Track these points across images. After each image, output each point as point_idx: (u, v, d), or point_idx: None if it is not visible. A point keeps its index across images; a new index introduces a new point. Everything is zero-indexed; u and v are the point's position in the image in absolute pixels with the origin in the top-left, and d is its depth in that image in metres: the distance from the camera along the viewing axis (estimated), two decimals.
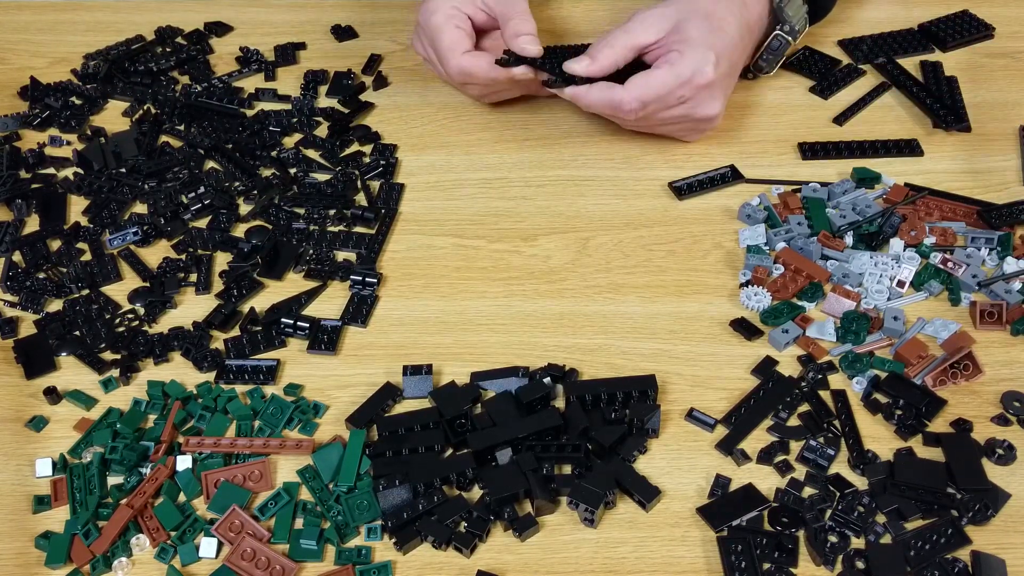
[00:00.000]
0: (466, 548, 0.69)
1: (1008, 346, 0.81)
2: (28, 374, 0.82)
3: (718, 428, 0.76)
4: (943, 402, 0.76)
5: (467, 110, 1.05)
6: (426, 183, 0.98)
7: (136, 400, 0.79)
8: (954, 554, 0.68)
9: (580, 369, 0.81)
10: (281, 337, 0.84)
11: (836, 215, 0.90)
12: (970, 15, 1.12)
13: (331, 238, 0.91)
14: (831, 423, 0.76)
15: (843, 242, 0.88)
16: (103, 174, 0.98)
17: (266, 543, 0.70)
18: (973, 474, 0.71)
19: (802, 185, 0.94)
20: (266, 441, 0.76)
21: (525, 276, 0.89)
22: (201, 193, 0.95)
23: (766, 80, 1.06)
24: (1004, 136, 1.00)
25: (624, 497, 0.72)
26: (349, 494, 0.72)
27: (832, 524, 0.70)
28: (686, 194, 0.94)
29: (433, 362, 0.81)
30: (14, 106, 1.08)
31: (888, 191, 0.92)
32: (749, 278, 0.86)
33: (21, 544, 0.71)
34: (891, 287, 0.84)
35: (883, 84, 1.05)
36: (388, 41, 1.14)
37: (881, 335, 0.81)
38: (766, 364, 0.80)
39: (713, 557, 0.69)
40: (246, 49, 1.13)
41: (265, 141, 1.01)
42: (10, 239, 0.92)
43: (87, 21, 1.19)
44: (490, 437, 0.74)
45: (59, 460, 0.75)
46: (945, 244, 0.87)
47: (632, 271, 0.89)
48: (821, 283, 0.85)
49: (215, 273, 0.90)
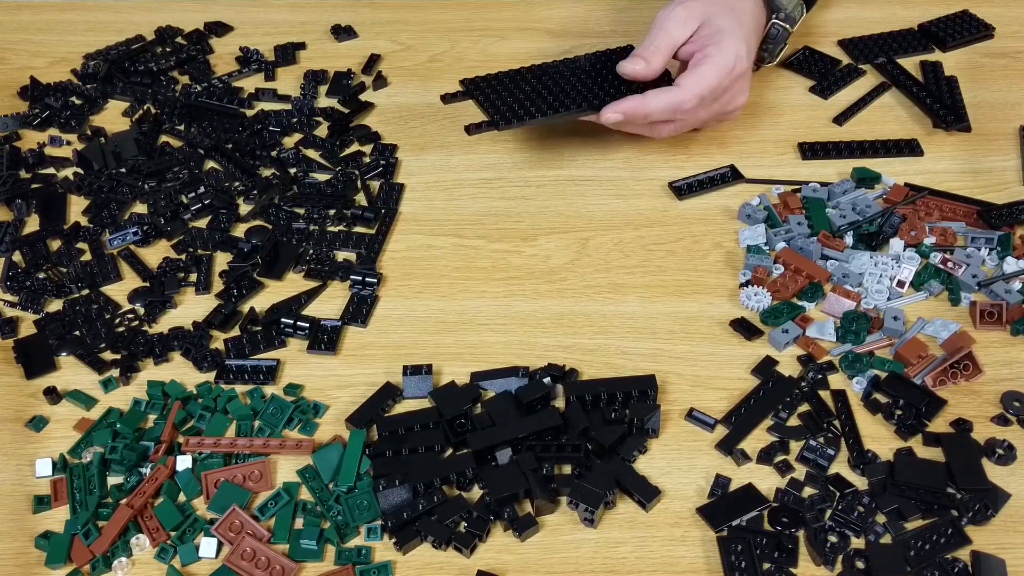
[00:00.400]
0: (466, 548, 0.69)
1: (1008, 346, 0.81)
2: (28, 374, 0.82)
3: (718, 428, 0.76)
4: (943, 402, 0.76)
5: (467, 110, 1.05)
6: (426, 183, 0.98)
7: (136, 400, 0.79)
8: (954, 554, 0.68)
9: (580, 369, 0.81)
10: (281, 337, 0.84)
11: (836, 215, 0.90)
12: (970, 15, 1.12)
13: (331, 238, 0.91)
14: (831, 423, 0.76)
15: (843, 242, 0.88)
16: (103, 174, 0.98)
17: (266, 543, 0.70)
18: (973, 474, 0.71)
19: (802, 185, 0.94)
20: (266, 441, 0.76)
21: (525, 276, 0.89)
22: (201, 193, 0.95)
23: (766, 80, 1.07)
24: (1004, 136, 1.00)
25: (624, 497, 0.72)
26: (349, 494, 0.72)
27: (832, 524, 0.70)
28: (686, 194, 0.94)
29: (433, 362, 0.81)
30: (14, 106, 1.08)
31: (888, 191, 0.92)
32: (749, 278, 0.86)
33: (21, 544, 0.71)
34: (891, 287, 0.84)
35: (883, 84, 1.05)
36: (388, 41, 1.14)
37: (881, 335, 0.81)
38: (766, 364, 0.80)
39: (713, 557, 0.69)
40: (246, 49, 1.13)
41: (265, 141, 1.01)
42: (10, 239, 0.92)
43: (87, 21, 1.19)
44: (490, 437, 0.74)
45: (59, 460, 0.75)
46: (945, 244, 0.87)
47: (632, 271, 0.89)
48: (821, 283, 0.85)
49: (215, 273, 0.90)
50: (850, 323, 0.81)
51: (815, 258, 0.87)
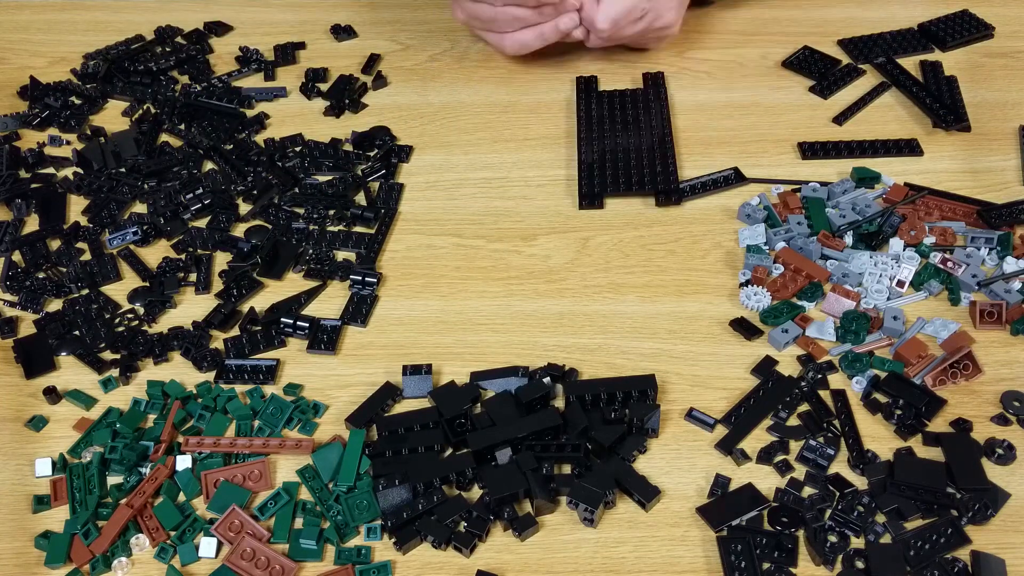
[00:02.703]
0: (466, 548, 0.69)
1: (1008, 346, 0.81)
2: (28, 374, 0.82)
3: (718, 428, 0.76)
4: (943, 402, 0.76)
5: (467, 110, 1.05)
6: (426, 183, 0.98)
7: (136, 400, 0.79)
8: (954, 554, 0.68)
9: (580, 369, 0.81)
10: (281, 337, 0.84)
11: (836, 215, 0.90)
12: (970, 15, 1.12)
13: (331, 238, 0.91)
14: (831, 423, 0.76)
15: (843, 242, 0.88)
16: (103, 174, 0.98)
17: (266, 543, 0.70)
18: (973, 474, 0.71)
19: (802, 185, 0.94)
20: (266, 441, 0.76)
21: (525, 276, 0.89)
22: (201, 193, 0.95)
23: (766, 80, 1.07)
24: (1004, 136, 1.00)
25: (624, 497, 0.72)
26: (349, 494, 0.72)
27: (832, 524, 0.70)
28: (688, 196, 0.94)
29: (433, 362, 0.81)
30: (14, 106, 1.08)
31: (888, 190, 0.92)
32: (749, 278, 0.86)
33: (21, 544, 0.71)
34: (891, 287, 0.84)
35: (883, 84, 1.05)
36: (388, 41, 1.15)
37: (881, 335, 0.81)
38: (766, 364, 0.80)
39: (713, 557, 0.69)
40: (246, 49, 1.13)
41: (272, 147, 1.01)
42: (10, 239, 0.92)
43: (87, 20, 1.19)
44: (490, 437, 0.74)
45: (59, 460, 0.75)
46: (945, 244, 0.87)
47: (632, 271, 0.89)
48: (821, 283, 0.85)
49: (215, 273, 0.90)
50: (850, 323, 0.81)
51: (815, 258, 0.87)
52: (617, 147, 0.99)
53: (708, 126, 1.02)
